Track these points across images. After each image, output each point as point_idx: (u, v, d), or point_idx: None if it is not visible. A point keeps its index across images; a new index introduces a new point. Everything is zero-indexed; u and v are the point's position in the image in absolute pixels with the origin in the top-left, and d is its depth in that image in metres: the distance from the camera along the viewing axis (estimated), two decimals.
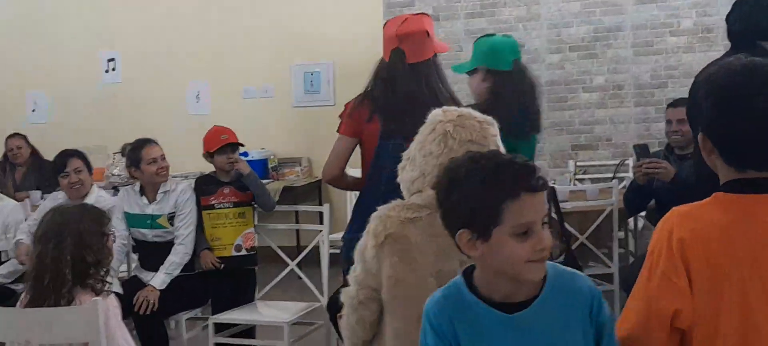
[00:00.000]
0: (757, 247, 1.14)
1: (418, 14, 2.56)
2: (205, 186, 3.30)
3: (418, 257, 1.54)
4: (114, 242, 2.21)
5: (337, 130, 2.39)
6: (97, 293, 1.93)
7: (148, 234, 3.19)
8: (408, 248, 1.53)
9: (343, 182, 2.60)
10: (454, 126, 1.61)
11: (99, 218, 2.10)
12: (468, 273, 1.15)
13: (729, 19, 2.32)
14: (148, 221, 3.27)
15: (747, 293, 1.12)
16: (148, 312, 2.89)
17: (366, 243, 1.60)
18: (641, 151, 3.39)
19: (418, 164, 1.62)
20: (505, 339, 1.12)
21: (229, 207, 3.23)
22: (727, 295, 1.13)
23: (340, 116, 2.44)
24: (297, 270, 3.33)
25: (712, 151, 1.18)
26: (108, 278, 2.09)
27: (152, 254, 3.18)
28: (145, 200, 3.26)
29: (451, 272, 1.34)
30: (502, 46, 2.65)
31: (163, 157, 3.28)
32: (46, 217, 2.04)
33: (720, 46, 4.47)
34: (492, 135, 1.70)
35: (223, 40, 5.41)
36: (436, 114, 1.68)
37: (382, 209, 1.61)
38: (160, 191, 3.21)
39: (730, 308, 1.13)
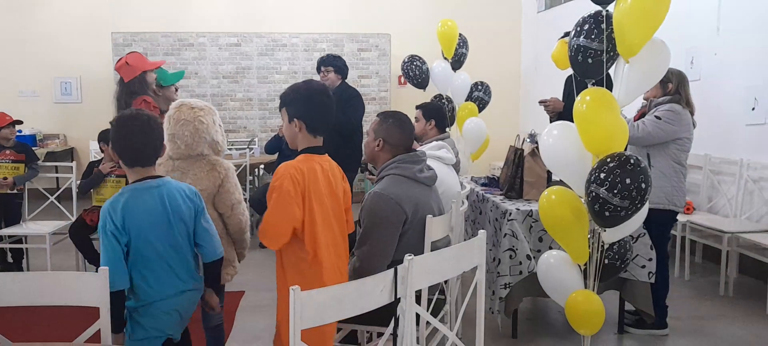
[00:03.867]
0: (323, 180, 2.21)
1: (128, 53, 3.64)
2: None
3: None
4: None
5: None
6: None
7: None
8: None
9: None
10: (174, 111, 2.48)
11: None
12: None
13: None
14: None
15: (319, 202, 2.18)
16: None
17: None
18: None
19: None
20: None
21: (8, 162, 4.55)
22: (313, 203, 2.15)
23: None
24: (56, 203, 4.77)
25: (300, 128, 2.22)
26: None
27: None
28: None
29: None
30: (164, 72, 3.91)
31: None
32: None
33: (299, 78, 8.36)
34: (199, 117, 2.45)
35: (5, 57, 7.76)
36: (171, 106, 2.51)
37: None
38: None
39: (316, 209, 2.16)
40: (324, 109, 2.24)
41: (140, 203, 2.07)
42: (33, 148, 5.48)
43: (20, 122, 4.77)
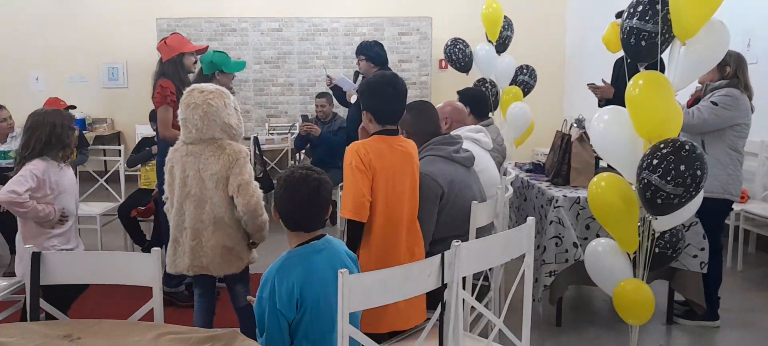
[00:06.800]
0: (392, 158, 2.25)
1: (170, 34, 3.74)
2: None
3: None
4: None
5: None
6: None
7: (2, 163, 4.32)
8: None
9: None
10: (186, 95, 2.48)
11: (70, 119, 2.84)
12: None
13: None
14: (1, 155, 4.36)
15: (387, 180, 2.23)
16: None
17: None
18: (303, 117, 5.85)
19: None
20: None
21: None
22: (379, 180, 2.22)
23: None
24: (105, 185, 4.91)
25: (370, 119, 2.30)
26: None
27: (6, 177, 3.63)
28: None
29: None
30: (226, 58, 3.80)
31: (9, 117, 4.41)
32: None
33: (340, 66, 8.40)
34: (208, 100, 2.45)
35: (55, 43, 8.04)
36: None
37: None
38: (9, 137, 4.40)
39: (381, 186, 2.22)
40: (389, 99, 2.29)
41: (314, 272, 1.82)
42: (83, 132, 5.69)
43: (73, 107, 4.88)
